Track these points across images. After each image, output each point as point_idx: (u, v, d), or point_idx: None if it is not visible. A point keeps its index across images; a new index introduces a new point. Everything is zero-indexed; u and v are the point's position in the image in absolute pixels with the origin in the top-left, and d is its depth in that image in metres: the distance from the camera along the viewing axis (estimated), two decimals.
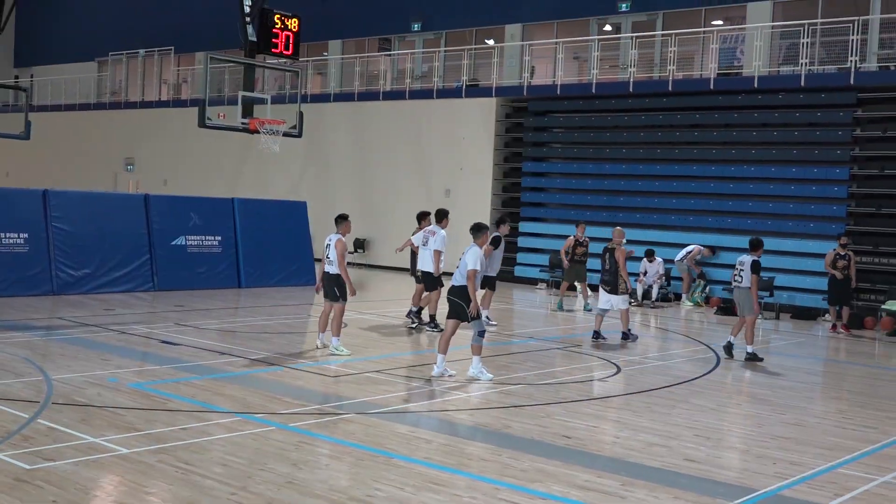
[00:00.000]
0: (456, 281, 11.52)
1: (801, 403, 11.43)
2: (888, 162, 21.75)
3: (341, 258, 13.05)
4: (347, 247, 13.48)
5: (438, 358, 11.45)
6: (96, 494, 6.73)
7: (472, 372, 11.37)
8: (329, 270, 13.21)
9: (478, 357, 11.42)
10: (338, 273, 13.09)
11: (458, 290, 11.42)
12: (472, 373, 11.36)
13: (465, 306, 11.29)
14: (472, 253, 11.46)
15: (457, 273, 11.58)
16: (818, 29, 22.56)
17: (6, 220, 17.92)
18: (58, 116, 40.95)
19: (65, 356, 12.00)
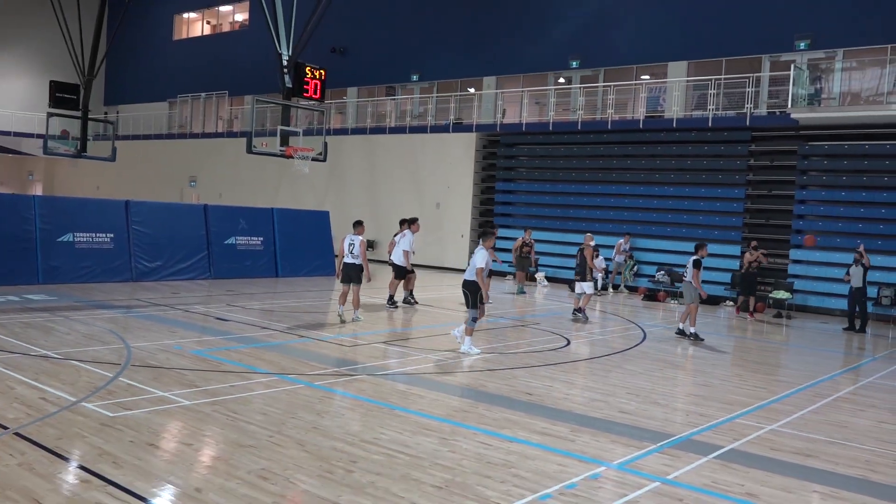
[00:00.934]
0: (467, 276, 11.43)
1: (708, 369, 11.44)
2: (775, 185, 21.88)
3: (364, 253, 13.68)
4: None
5: (466, 339, 11.34)
6: (164, 436, 6.67)
7: (463, 348, 11.29)
8: (353, 262, 13.76)
9: (469, 337, 11.32)
10: (360, 264, 13.68)
11: (468, 283, 11.36)
12: (464, 349, 11.27)
13: (472, 297, 11.24)
14: (479, 254, 11.34)
15: (468, 270, 11.51)
16: (722, 83, 22.65)
17: (97, 223, 17.83)
18: (137, 144, 40.73)
19: (141, 329, 11.91)
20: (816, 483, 6.35)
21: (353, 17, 32.15)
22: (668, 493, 5.89)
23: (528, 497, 5.61)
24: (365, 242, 13.82)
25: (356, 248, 13.68)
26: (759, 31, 22.60)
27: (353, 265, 13.72)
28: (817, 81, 21.38)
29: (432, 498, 5.50)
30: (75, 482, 5.47)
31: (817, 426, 8.25)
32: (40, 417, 6.87)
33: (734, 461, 6.78)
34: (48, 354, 9.58)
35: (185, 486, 5.48)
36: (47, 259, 16.88)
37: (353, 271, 13.78)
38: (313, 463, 6.09)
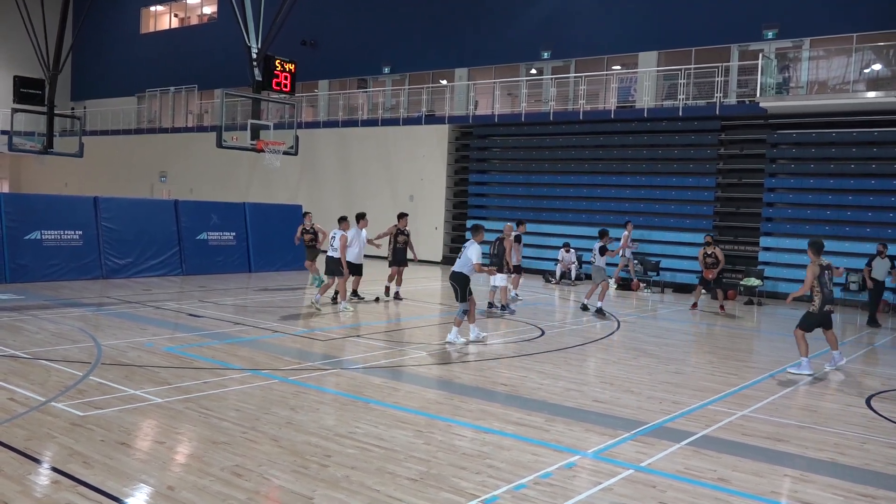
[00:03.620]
0: (456, 268, 11.49)
1: (680, 357, 11.55)
2: (745, 174, 22.12)
3: (343, 248, 14.33)
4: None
5: (472, 328, 11.64)
6: (136, 435, 6.60)
7: (449, 337, 11.32)
8: (332, 255, 14.58)
9: (457, 328, 11.37)
10: (338, 257, 14.37)
11: (456, 277, 11.42)
12: (450, 338, 11.30)
13: (461, 290, 11.27)
14: (472, 248, 11.42)
15: (457, 263, 11.55)
16: (692, 72, 22.82)
17: (65, 220, 17.58)
18: (105, 140, 40.16)
19: (111, 326, 11.77)
20: (787, 467, 6.45)
21: (323, 9, 31.92)
22: (641, 480, 5.95)
23: (503, 487, 5.64)
24: (345, 237, 14.39)
25: (336, 241, 14.45)
26: (727, 21, 22.80)
27: (332, 258, 14.51)
28: (785, 70, 21.62)
29: (408, 490, 5.50)
30: (45, 483, 5.40)
31: (787, 411, 8.37)
32: (9, 418, 6.77)
33: (706, 447, 6.86)
34: (17, 354, 9.44)
35: (158, 484, 5.43)
36: (14, 257, 16.61)
37: (333, 264, 14.54)
38: (287, 458, 6.07)
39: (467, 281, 11.31)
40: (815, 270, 10.19)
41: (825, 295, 10.22)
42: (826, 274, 10.21)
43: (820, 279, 10.16)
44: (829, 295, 10.25)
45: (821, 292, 10.22)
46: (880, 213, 19.65)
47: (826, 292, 10.22)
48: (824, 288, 10.19)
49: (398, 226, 16.43)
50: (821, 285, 10.18)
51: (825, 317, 10.34)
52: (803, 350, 10.27)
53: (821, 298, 10.24)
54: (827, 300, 10.24)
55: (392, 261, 16.50)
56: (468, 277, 11.38)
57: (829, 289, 10.25)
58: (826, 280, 10.20)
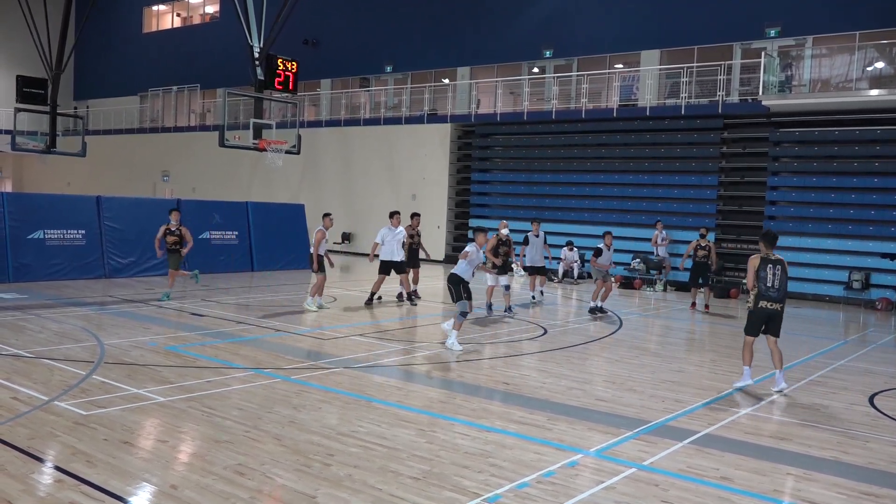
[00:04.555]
0: (454, 271, 11.29)
1: (682, 355, 11.55)
2: (747, 172, 22.10)
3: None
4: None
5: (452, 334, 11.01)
6: (139, 434, 6.60)
7: (448, 343, 10.98)
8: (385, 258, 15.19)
9: (455, 332, 10.97)
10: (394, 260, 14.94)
11: (451, 277, 11.22)
12: (448, 343, 10.95)
13: (455, 291, 11.11)
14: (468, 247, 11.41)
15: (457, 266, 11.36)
16: (694, 71, 22.80)
17: (68, 219, 17.60)
18: (108, 139, 40.21)
19: (114, 325, 11.78)
20: (790, 465, 6.43)
21: (325, 8, 31.92)
22: (644, 478, 5.94)
23: (505, 486, 5.63)
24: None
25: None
26: (730, 20, 22.77)
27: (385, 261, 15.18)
28: (788, 69, 21.60)
29: (410, 489, 5.50)
30: (49, 482, 5.41)
31: (790, 409, 8.36)
32: (12, 417, 6.78)
33: (709, 446, 6.85)
34: (20, 353, 9.45)
35: (161, 483, 5.44)
36: (17, 257, 16.63)
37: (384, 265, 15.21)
38: (290, 457, 6.07)
39: (460, 281, 11.15)
40: (755, 262, 9.08)
41: (760, 291, 9.02)
42: (771, 269, 9.00)
43: (759, 272, 9.02)
44: (764, 291, 9.01)
45: (757, 287, 9.07)
46: (883, 211, 19.62)
47: (762, 288, 9.01)
48: (762, 283, 9.01)
49: (411, 225, 16.43)
50: (759, 280, 9.03)
51: (763, 316, 9.11)
52: (746, 359, 9.20)
53: (755, 295, 9.08)
54: (762, 296, 9.02)
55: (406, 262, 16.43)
56: (461, 278, 11.18)
57: (768, 285, 9.00)
58: (768, 275, 9.00)
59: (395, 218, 15.56)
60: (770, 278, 9.05)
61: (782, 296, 9.10)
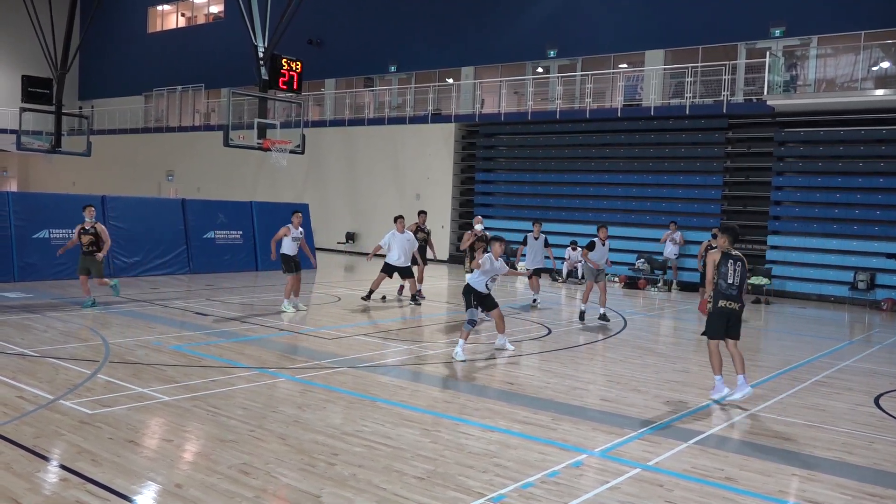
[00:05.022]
0: (468, 281, 10.70)
1: (687, 355, 11.53)
2: (752, 172, 22.07)
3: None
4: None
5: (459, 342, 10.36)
6: (144, 433, 6.62)
7: (454, 352, 10.36)
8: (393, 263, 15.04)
9: (462, 341, 10.33)
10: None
11: (465, 287, 10.66)
12: (454, 353, 10.30)
13: (465, 299, 10.57)
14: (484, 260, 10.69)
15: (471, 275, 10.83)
16: (699, 70, 22.78)
17: (73, 219, 17.50)
18: (113, 138, 40.29)
19: (119, 325, 11.81)
20: (795, 466, 6.42)
21: (330, 8, 31.94)
22: (648, 479, 5.94)
23: (510, 486, 5.63)
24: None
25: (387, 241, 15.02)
26: (734, 19, 22.73)
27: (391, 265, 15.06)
28: (792, 68, 21.56)
29: (414, 489, 5.50)
30: (54, 481, 5.42)
31: (795, 410, 8.34)
32: (18, 416, 6.80)
33: (714, 446, 6.85)
34: (25, 352, 9.48)
35: (166, 482, 5.45)
36: (23, 256, 16.67)
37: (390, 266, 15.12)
38: (295, 456, 6.07)
39: (471, 291, 10.51)
40: (714, 258, 8.46)
41: (720, 288, 8.38)
42: (732, 265, 8.38)
43: (720, 268, 8.39)
44: (725, 288, 8.37)
45: (716, 284, 8.43)
46: (889, 211, 19.57)
47: (723, 285, 8.37)
48: (722, 280, 8.37)
49: (417, 223, 16.47)
50: (719, 276, 8.39)
51: (724, 317, 8.45)
52: (715, 367, 8.57)
53: (715, 293, 8.44)
54: (723, 294, 8.38)
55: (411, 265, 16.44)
56: (473, 288, 10.53)
57: (728, 282, 8.36)
58: (730, 272, 8.36)
59: (398, 223, 15.38)
60: (731, 275, 8.37)
61: (741, 294, 8.47)
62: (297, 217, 14.08)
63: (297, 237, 14.01)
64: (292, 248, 13.96)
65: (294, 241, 13.99)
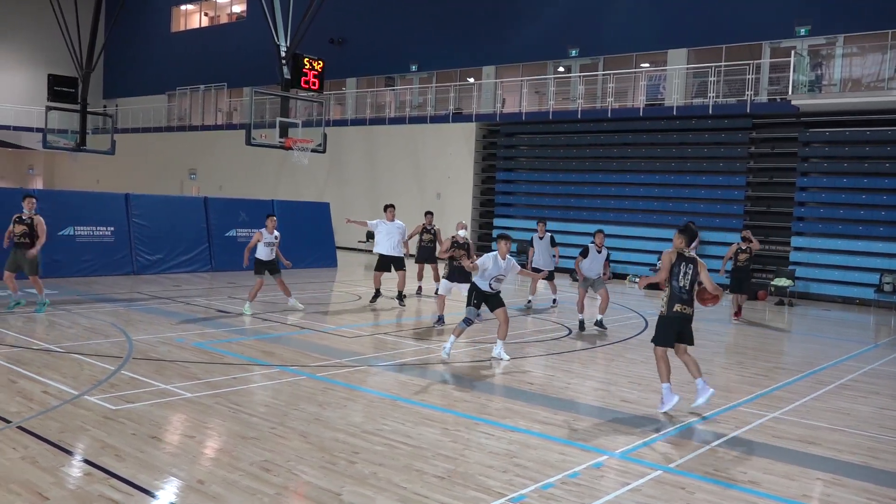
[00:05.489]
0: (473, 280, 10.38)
1: (708, 357, 11.43)
2: (776, 172, 21.85)
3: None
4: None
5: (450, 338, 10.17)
6: (166, 429, 6.68)
7: (445, 346, 10.17)
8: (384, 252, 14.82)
9: (454, 337, 10.09)
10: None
11: (471, 285, 10.39)
12: (444, 346, 10.15)
13: (468, 298, 10.38)
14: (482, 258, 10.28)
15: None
16: (722, 70, 22.58)
17: (97, 217, 17.83)
18: (137, 137, 40.68)
19: (142, 322, 11.92)
20: (819, 470, 6.36)
21: (351, 7, 32.01)
22: (670, 481, 5.90)
23: (530, 486, 5.62)
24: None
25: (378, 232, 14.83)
26: (758, 18, 22.51)
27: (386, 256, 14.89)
28: (818, 68, 21.32)
29: (435, 488, 5.50)
30: (78, 475, 5.48)
31: (819, 413, 8.25)
32: (43, 411, 6.88)
33: (736, 449, 6.79)
34: (50, 348, 9.59)
35: (188, 478, 5.49)
36: (49, 253, 16.77)
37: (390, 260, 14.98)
38: (316, 454, 6.10)
39: (474, 289, 10.24)
40: (671, 258, 7.95)
41: (674, 291, 7.88)
42: (683, 267, 7.89)
43: (673, 268, 7.88)
44: (677, 291, 7.87)
45: (669, 288, 7.92)
46: None
47: (675, 287, 7.87)
48: (675, 281, 7.87)
49: (424, 224, 16.46)
50: (672, 277, 7.88)
51: (674, 322, 7.96)
52: (662, 374, 7.99)
53: (668, 296, 7.94)
54: (676, 298, 7.88)
55: (417, 258, 16.62)
56: (477, 286, 10.25)
57: (680, 285, 7.86)
58: (681, 273, 7.87)
59: (388, 211, 14.93)
60: (682, 277, 7.88)
61: (692, 298, 7.98)
62: (272, 221, 13.61)
63: (270, 242, 13.55)
64: (266, 254, 13.51)
65: (268, 247, 13.53)
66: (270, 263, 13.66)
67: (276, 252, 13.70)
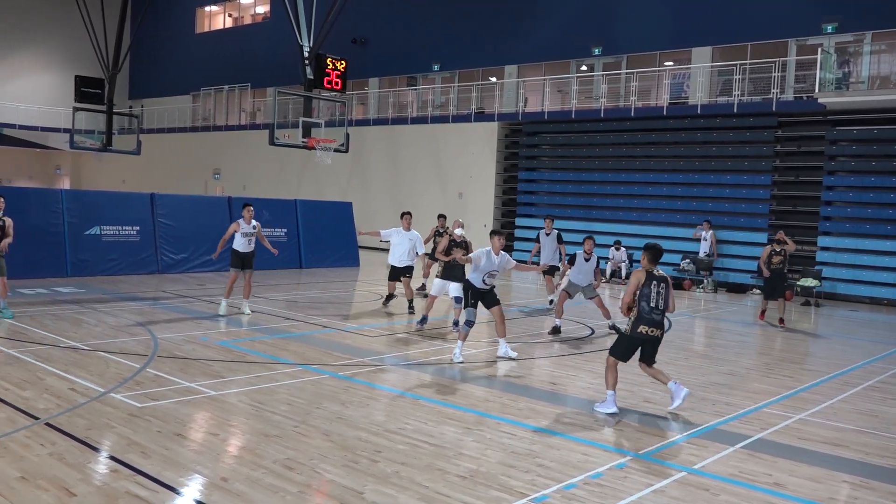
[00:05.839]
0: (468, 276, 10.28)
1: (733, 358, 11.33)
2: (802, 171, 21.57)
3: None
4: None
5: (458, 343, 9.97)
6: (191, 426, 6.74)
7: (455, 351, 10.01)
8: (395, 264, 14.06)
9: (461, 342, 9.93)
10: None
11: (466, 283, 10.25)
12: (454, 352, 9.99)
13: (464, 295, 10.19)
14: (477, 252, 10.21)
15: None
16: (747, 68, 22.36)
17: (123, 216, 18.03)
18: (162, 137, 41.09)
19: (167, 320, 12.03)
20: (845, 473, 6.27)
21: (374, 7, 32.11)
22: (694, 482, 5.85)
23: (552, 487, 5.60)
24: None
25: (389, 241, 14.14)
26: (784, 15, 22.27)
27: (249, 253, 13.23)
28: (845, 65, 21.04)
29: (457, 488, 5.50)
30: (105, 472, 5.55)
31: (846, 415, 8.15)
32: (70, 408, 6.97)
33: (761, 451, 6.72)
34: (77, 346, 9.72)
35: (212, 475, 5.54)
36: (75, 252, 17.10)
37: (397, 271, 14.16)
38: (338, 453, 6.12)
39: (470, 287, 10.05)
40: (639, 278, 7.77)
41: (642, 312, 7.73)
42: (655, 287, 7.71)
43: (642, 290, 7.72)
44: (647, 312, 7.71)
45: (638, 309, 7.79)
46: None
47: (644, 308, 7.71)
48: (644, 302, 7.72)
49: (436, 227, 16.23)
50: (642, 298, 7.74)
51: (635, 342, 7.84)
52: (609, 381, 7.85)
53: (634, 317, 7.81)
54: (643, 319, 7.73)
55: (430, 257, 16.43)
56: (472, 284, 10.06)
57: (651, 305, 7.69)
58: (652, 294, 7.70)
59: (405, 219, 14.35)
60: (654, 297, 7.70)
61: (662, 320, 7.81)
62: (248, 211, 13.11)
63: (248, 232, 13.01)
64: (243, 245, 12.98)
65: (245, 237, 12.97)
66: (247, 257, 13.08)
67: (255, 242, 13.14)
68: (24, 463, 5.56)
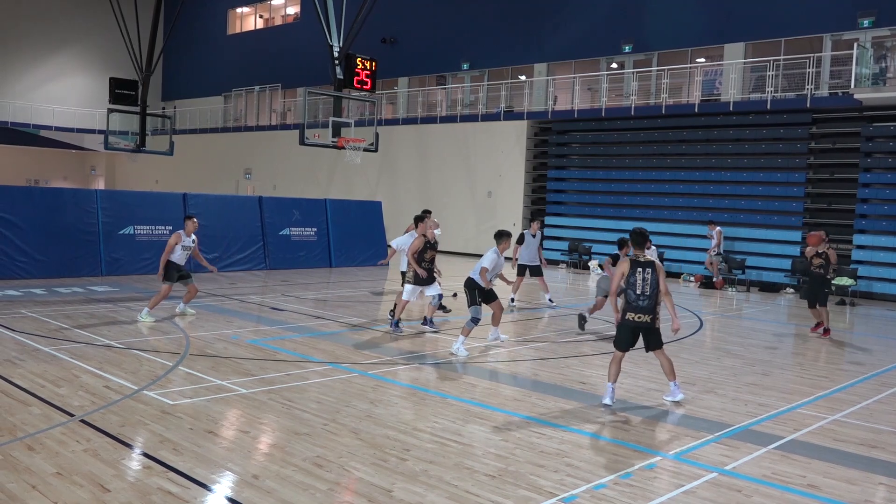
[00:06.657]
0: (470, 274, 10.62)
1: (766, 357, 11.17)
2: (837, 168, 21.21)
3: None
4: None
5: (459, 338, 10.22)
6: (222, 424, 6.81)
7: (453, 348, 10.21)
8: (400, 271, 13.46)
9: (463, 337, 10.16)
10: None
11: (467, 281, 10.60)
12: (454, 348, 10.18)
13: (470, 295, 10.48)
14: (487, 255, 10.54)
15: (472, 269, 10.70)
16: (781, 64, 22.04)
17: (156, 216, 18.28)
18: (194, 138, 41.58)
19: (199, 319, 12.17)
20: (882, 475, 6.16)
21: (403, 6, 32.19)
22: (726, 483, 5.78)
23: (582, 487, 5.57)
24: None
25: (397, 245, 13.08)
26: (819, 9, 21.91)
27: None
28: (882, 60, 20.63)
29: (485, 487, 5.50)
30: (138, 468, 5.63)
31: (883, 416, 7.99)
32: (104, 405, 7.09)
33: (795, 452, 6.62)
34: (111, 344, 9.87)
35: (243, 472, 5.59)
36: (109, 251, 17.37)
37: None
38: (367, 451, 6.15)
39: (475, 286, 10.42)
40: (623, 269, 7.82)
41: (629, 299, 7.75)
42: (640, 274, 7.70)
43: (629, 278, 7.74)
44: (633, 300, 7.73)
45: (625, 295, 7.81)
46: None
47: (631, 296, 7.73)
48: (631, 290, 7.73)
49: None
50: (628, 286, 7.76)
51: (627, 329, 7.85)
52: (611, 373, 7.92)
53: (624, 305, 7.86)
54: (631, 306, 7.75)
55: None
56: (476, 283, 10.44)
57: (637, 293, 7.70)
58: (638, 281, 7.69)
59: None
60: (640, 284, 7.69)
61: (652, 305, 7.72)
62: (191, 223, 12.29)
63: (188, 246, 12.20)
64: (181, 258, 12.15)
65: (185, 251, 12.19)
66: (183, 271, 12.19)
67: (193, 256, 12.43)
68: (59, 459, 5.66)
